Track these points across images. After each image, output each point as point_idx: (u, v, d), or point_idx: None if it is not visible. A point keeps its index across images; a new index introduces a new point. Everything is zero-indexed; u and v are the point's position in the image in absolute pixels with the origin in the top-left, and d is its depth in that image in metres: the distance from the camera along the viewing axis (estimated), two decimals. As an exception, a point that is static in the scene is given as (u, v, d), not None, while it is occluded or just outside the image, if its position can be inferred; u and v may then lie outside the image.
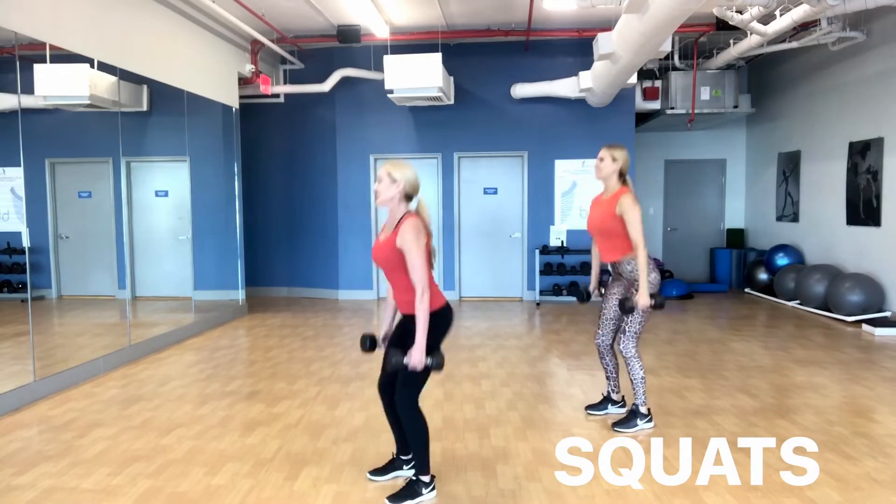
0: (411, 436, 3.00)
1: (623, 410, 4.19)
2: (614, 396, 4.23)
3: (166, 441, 3.82)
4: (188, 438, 3.86)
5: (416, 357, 2.83)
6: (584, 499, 3.03)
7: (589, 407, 4.28)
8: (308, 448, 3.70)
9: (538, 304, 8.95)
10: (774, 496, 3.02)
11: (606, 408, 4.22)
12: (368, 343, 3.12)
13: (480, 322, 7.66)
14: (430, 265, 2.96)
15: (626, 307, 3.79)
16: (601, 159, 3.88)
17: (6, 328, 5.02)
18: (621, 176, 3.87)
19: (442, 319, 3.00)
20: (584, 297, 4.20)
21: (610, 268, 4.09)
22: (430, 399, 4.47)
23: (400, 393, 2.98)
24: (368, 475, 3.28)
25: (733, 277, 10.30)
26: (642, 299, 3.73)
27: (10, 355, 4.78)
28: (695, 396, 4.59)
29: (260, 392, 4.82)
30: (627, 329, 3.87)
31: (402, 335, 3.03)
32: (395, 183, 2.93)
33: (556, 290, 9.03)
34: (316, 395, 4.74)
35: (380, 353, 3.15)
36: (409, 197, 2.97)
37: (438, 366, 2.90)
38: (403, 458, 3.27)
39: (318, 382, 5.07)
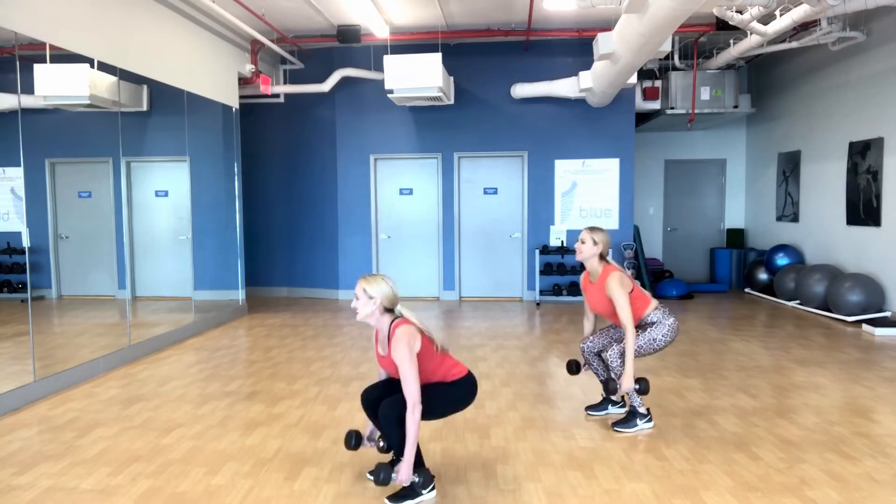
0: (400, 448, 2.96)
1: (623, 410, 4.19)
2: (614, 397, 4.23)
3: (166, 441, 3.82)
4: (188, 438, 3.86)
5: (405, 472, 2.87)
6: (584, 499, 3.03)
7: (589, 407, 4.28)
8: (308, 448, 3.70)
9: (538, 304, 8.95)
10: (774, 496, 3.02)
11: (606, 408, 4.22)
12: (354, 440, 3.17)
13: (480, 322, 7.66)
14: (435, 347, 3.02)
15: (609, 388, 3.89)
16: (582, 241, 3.92)
17: (6, 328, 5.02)
18: (602, 258, 3.92)
19: (461, 388, 3.08)
20: (574, 370, 4.19)
21: (592, 324, 4.24)
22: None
23: (388, 407, 2.95)
24: (368, 475, 3.28)
25: (733, 277, 10.30)
26: (626, 382, 3.75)
27: (10, 355, 4.78)
28: (695, 396, 4.59)
29: (260, 392, 4.83)
30: (626, 351, 3.78)
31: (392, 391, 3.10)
32: (371, 300, 2.95)
33: (556, 290, 9.03)
34: (316, 395, 4.74)
35: (373, 373, 3.15)
36: (388, 310, 3.00)
37: (424, 484, 2.95)
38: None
39: (318, 382, 5.07)
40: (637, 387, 3.80)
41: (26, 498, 3.10)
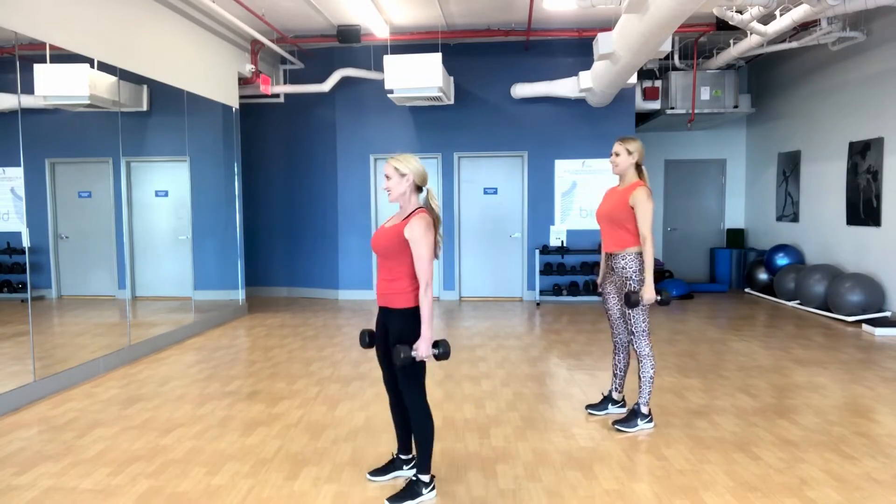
0: (418, 432, 3.01)
1: (623, 410, 4.20)
2: (615, 396, 4.24)
3: (166, 441, 3.82)
4: (188, 438, 3.86)
5: (423, 348, 2.86)
6: (584, 499, 3.03)
7: (589, 407, 4.29)
8: (308, 448, 3.70)
9: (538, 304, 8.95)
10: (774, 496, 3.02)
11: (607, 407, 4.23)
12: (367, 338, 3.16)
13: (480, 322, 7.66)
14: (436, 256, 3.00)
15: (631, 301, 3.74)
16: (616, 154, 3.85)
17: (6, 328, 5.01)
18: (638, 168, 3.86)
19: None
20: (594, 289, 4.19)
21: (603, 259, 4.09)
22: (430, 399, 4.45)
23: (405, 391, 2.99)
24: (368, 476, 3.28)
25: (733, 277, 10.30)
26: (647, 293, 3.72)
27: (10, 355, 4.78)
28: (695, 396, 4.59)
29: (260, 392, 4.83)
30: (634, 329, 3.85)
31: (384, 329, 3.08)
32: (404, 177, 2.95)
33: (557, 290, 9.02)
34: (316, 395, 4.74)
35: (374, 373, 3.17)
36: (419, 188, 3.00)
37: (445, 354, 2.91)
38: (403, 457, 3.28)
39: (318, 382, 5.07)
40: (659, 297, 3.75)
41: (26, 498, 3.10)
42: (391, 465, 3.30)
